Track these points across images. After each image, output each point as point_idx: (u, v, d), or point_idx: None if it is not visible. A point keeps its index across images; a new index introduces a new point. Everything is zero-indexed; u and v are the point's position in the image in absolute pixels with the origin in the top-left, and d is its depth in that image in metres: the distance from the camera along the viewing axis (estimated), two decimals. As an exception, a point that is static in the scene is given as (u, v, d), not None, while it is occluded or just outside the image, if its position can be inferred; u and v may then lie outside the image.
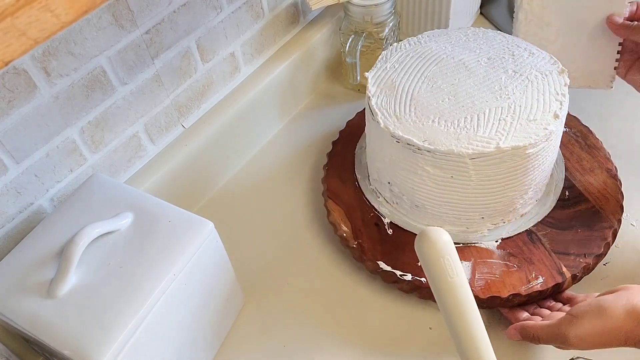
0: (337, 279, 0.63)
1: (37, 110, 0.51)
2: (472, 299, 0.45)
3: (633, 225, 0.63)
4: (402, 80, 0.59)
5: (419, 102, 0.56)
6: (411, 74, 0.59)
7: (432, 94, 0.57)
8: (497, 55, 0.60)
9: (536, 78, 0.57)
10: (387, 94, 0.58)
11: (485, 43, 0.62)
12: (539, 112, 0.54)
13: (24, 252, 0.48)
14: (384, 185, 0.61)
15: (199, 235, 0.49)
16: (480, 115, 0.54)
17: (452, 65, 0.59)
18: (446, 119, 0.54)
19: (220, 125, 0.69)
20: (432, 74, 0.59)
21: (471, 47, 0.61)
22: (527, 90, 0.56)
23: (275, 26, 0.75)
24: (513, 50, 0.60)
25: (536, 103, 0.55)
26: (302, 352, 0.57)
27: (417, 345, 0.56)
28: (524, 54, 0.60)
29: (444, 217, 0.58)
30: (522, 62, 0.59)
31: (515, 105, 0.55)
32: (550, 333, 0.48)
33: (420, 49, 0.62)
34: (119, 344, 0.42)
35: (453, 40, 0.63)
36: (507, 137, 0.52)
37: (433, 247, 0.44)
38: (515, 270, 0.56)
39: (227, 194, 0.73)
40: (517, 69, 0.58)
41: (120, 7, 0.53)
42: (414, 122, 0.54)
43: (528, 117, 0.53)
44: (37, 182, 0.54)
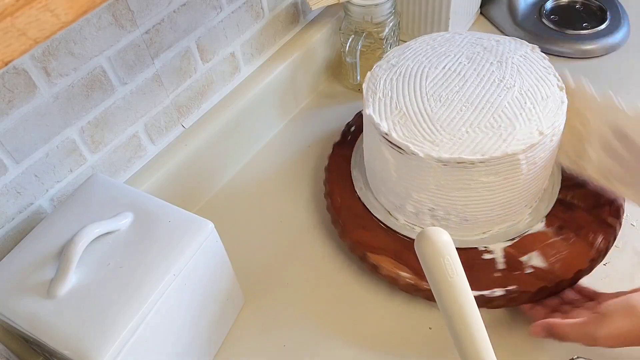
0: (337, 279, 0.63)
1: (37, 110, 0.51)
2: (472, 298, 0.45)
3: (633, 225, 0.63)
4: (408, 105, 0.56)
5: (440, 119, 0.54)
6: (411, 96, 0.57)
7: (447, 108, 0.55)
8: (471, 53, 0.60)
9: (519, 61, 0.58)
10: (403, 124, 0.55)
11: (452, 45, 0.62)
12: (547, 88, 0.55)
13: (24, 252, 0.48)
14: (424, 213, 0.58)
15: (199, 235, 0.49)
16: (505, 110, 0.54)
17: (440, 75, 0.59)
18: (477, 125, 0.53)
19: (220, 125, 0.69)
20: (430, 89, 0.57)
21: (443, 52, 0.61)
22: (521, 74, 0.57)
23: (275, 26, 0.75)
24: (480, 43, 0.61)
25: (538, 81, 0.56)
26: (302, 352, 0.57)
27: (417, 345, 0.56)
28: (493, 44, 0.61)
29: (495, 220, 0.58)
30: (496, 52, 0.60)
31: (524, 90, 0.55)
32: (579, 332, 0.48)
33: (399, 69, 0.60)
34: (119, 344, 0.42)
35: (421, 52, 0.62)
36: (540, 120, 0.52)
37: (433, 247, 0.44)
38: (574, 239, 0.56)
39: (227, 194, 0.73)
40: (498, 58, 0.59)
41: (120, 7, 0.53)
42: (451, 140, 0.53)
43: (542, 97, 0.54)
44: (37, 182, 0.54)
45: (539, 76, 0.56)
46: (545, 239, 0.57)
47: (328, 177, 0.67)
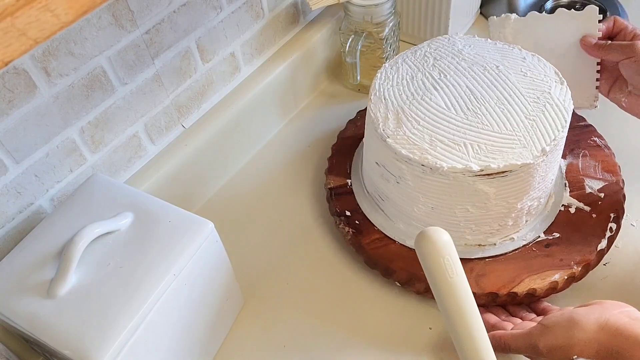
0: (337, 279, 0.63)
1: (37, 110, 0.51)
2: (472, 298, 0.45)
3: (633, 225, 0.63)
4: (414, 126, 0.55)
5: (447, 136, 0.54)
6: (449, 120, 0.56)
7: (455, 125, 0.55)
8: (478, 63, 0.60)
9: (522, 64, 0.59)
10: (418, 144, 0.54)
11: (442, 61, 0.62)
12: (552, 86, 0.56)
13: (24, 252, 0.48)
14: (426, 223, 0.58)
15: (199, 235, 0.49)
16: (495, 128, 0.54)
17: (463, 94, 0.58)
18: (478, 143, 0.53)
19: (220, 125, 0.69)
20: (470, 105, 0.57)
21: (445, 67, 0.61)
22: (525, 79, 0.58)
23: (275, 26, 0.75)
24: (503, 52, 0.62)
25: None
26: (302, 352, 0.57)
27: (417, 345, 0.56)
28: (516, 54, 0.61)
29: (512, 225, 0.58)
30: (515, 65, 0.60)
31: (544, 91, 0.56)
32: (521, 342, 0.48)
33: (405, 74, 0.61)
34: (119, 344, 0.42)
35: (424, 69, 0.61)
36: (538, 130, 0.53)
37: (433, 247, 0.44)
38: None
39: (227, 194, 0.73)
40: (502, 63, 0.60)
41: (120, 7, 0.54)
42: (477, 154, 0.52)
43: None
44: (37, 182, 0.54)
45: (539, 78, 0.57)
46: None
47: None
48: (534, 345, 0.47)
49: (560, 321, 0.46)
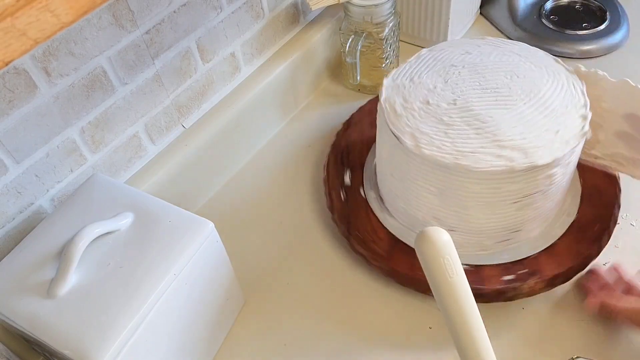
0: (337, 279, 0.63)
1: (37, 110, 0.51)
2: (472, 298, 0.45)
3: (633, 225, 0.64)
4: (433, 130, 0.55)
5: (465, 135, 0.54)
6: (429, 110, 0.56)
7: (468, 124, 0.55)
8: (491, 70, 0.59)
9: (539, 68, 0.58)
10: (437, 142, 0.53)
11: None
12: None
13: (24, 252, 0.48)
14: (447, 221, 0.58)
15: (199, 235, 0.49)
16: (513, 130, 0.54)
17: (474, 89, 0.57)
18: (499, 138, 0.53)
19: (221, 125, 0.69)
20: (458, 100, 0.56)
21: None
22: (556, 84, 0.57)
23: (275, 26, 0.75)
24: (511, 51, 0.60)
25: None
26: (302, 352, 0.57)
27: (417, 344, 0.57)
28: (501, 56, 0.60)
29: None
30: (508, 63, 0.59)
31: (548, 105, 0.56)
32: (631, 317, 0.51)
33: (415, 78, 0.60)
34: (119, 344, 0.42)
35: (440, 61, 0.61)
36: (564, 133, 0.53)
37: (433, 247, 0.44)
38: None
39: (227, 194, 0.73)
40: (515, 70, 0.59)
41: (120, 7, 0.54)
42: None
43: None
44: (37, 182, 0.54)
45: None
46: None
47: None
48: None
49: None
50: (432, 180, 0.54)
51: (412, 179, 0.56)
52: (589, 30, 0.85)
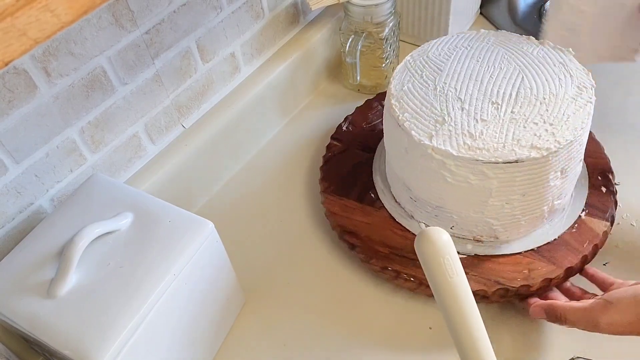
0: (337, 278, 0.63)
1: (37, 110, 0.51)
2: (472, 298, 0.45)
3: (633, 225, 0.63)
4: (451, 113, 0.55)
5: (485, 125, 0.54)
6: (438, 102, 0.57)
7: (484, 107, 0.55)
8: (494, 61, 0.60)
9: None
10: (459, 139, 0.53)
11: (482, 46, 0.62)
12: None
13: (24, 252, 0.48)
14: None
15: (199, 235, 0.49)
16: (519, 120, 0.54)
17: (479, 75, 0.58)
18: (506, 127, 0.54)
19: (220, 125, 0.69)
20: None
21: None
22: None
23: (275, 26, 0.75)
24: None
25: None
26: (302, 351, 0.57)
27: (417, 345, 0.57)
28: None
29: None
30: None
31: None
32: (581, 316, 0.49)
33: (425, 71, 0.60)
34: (119, 344, 0.42)
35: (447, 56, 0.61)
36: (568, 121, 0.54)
37: (433, 247, 0.44)
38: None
39: (227, 194, 0.73)
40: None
41: (120, 7, 0.54)
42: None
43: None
44: (37, 182, 0.54)
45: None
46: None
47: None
48: (595, 320, 0.47)
49: (625, 297, 0.46)
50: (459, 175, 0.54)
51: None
52: (589, 30, 0.85)
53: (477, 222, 0.57)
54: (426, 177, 0.56)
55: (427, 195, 0.57)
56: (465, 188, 0.54)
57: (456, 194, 0.55)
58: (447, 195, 0.55)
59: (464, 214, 0.56)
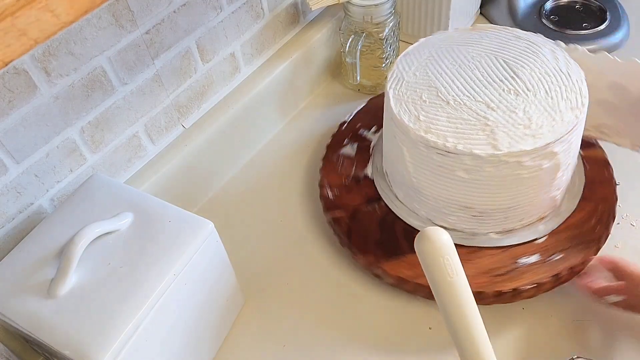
0: (337, 279, 0.63)
1: (37, 110, 0.51)
2: (472, 298, 0.45)
3: (633, 225, 0.63)
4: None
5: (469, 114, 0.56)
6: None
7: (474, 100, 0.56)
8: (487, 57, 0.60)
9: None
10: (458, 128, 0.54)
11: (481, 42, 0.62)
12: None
13: (24, 252, 0.48)
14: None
15: (199, 235, 0.49)
16: (513, 115, 0.55)
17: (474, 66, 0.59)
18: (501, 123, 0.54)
19: (220, 125, 0.69)
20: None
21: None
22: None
23: (275, 26, 0.75)
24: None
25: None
26: (302, 352, 0.57)
27: (417, 345, 0.57)
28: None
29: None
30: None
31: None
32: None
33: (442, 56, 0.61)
34: (119, 344, 0.42)
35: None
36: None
37: (432, 247, 0.44)
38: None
39: (227, 194, 0.73)
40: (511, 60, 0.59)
41: (120, 7, 0.54)
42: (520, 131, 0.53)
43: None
44: (37, 182, 0.54)
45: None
46: None
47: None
48: None
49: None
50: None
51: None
52: (589, 30, 0.85)
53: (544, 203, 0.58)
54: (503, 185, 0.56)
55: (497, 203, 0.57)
56: (539, 174, 0.54)
57: (530, 184, 0.55)
58: (520, 191, 0.56)
59: (535, 200, 0.57)
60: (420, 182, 0.58)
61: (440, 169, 0.55)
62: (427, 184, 0.57)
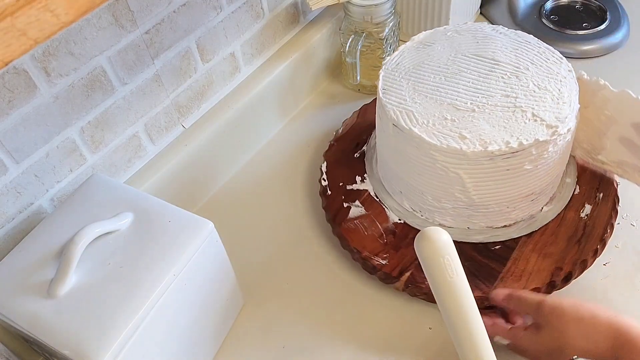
0: (337, 279, 0.63)
1: (37, 110, 0.51)
2: (472, 298, 0.45)
3: (633, 225, 0.63)
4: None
5: (458, 113, 0.56)
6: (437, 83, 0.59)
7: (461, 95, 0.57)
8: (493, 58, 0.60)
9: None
10: (433, 120, 0.55)
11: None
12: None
13: (24, 252, 0.48)
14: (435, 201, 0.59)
15: (199, 235, 0.49)
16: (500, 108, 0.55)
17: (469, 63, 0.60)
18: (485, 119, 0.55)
19: (220, 125, 0.69)
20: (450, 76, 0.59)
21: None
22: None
23: (275, 26, 0.75)
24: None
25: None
26: (301, 352, 0.57)
27: (417, 345, 0.56)
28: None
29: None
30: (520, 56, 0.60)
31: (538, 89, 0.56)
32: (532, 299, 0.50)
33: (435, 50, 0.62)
34: (119, 344, 0.42)
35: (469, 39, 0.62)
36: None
37: (432, 247, 0.44)
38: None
39: (227, 194, 0.73)
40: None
41: (120, 7, 0.54)
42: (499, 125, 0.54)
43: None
44: (37, 182, 0.54)
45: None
46: None
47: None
48: (542, 301, 0.49)
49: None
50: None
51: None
52: (589, 30, 0.85)
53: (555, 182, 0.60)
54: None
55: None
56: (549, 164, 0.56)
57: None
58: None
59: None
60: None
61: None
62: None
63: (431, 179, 0.56)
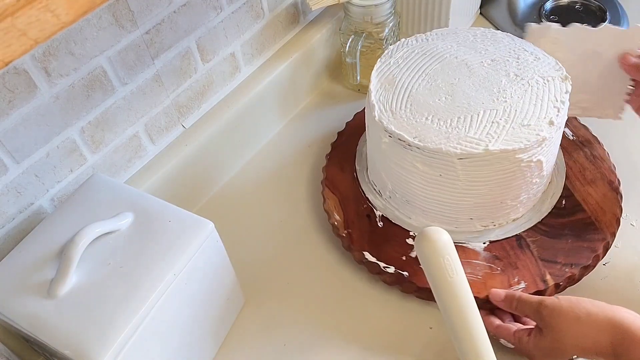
0: (337, 278, 0.63)
1: (37, 110, 0.51)
2: (472, 298, 0.45)
3: (633, 225, 0.63)
4: (402, 76, 0.59)
5: (415, 98, 0.57)
6: (413, 70, 0.60)
7: (430, 92, 0.57)
8: (501, 58, 0.60)
9: (537, 83, 0.56)
10: (387, 89, 0.58)
11: (492, 45, 0.61)
12: (534, 118, 0.53)
13: (24, 252, 0.48)
14: (381, 178, 0.61)
15: (199, 235, 0.49)
16: (474, 116, 0.54)
17: (454, 64, 0.59)
18: (439, 117, 0.54)
19: (221, 125, 0.69)
20: (433, 72, 0.59)
21: (477, 47, 0.61)
22: (525, 95, 0.56)
23: (275, 26, 0.75)
24: (519, 53, 0.60)
25: (533, 108, 0.54)
26: (302, 352, 0.57)
27: (417, 345, 0.57)
28: (530, 58, 0.59)
29: (432, 215, 0.59)
30: (525, 66, 0.58)
31: (511, 109, 0.54)
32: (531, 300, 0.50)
33: (426, 46, 0.62)
34: (119, 344, 0.42)
35: (460, 39, 0.62)
36: (498, 140, 0.52)
37: (433, 247, 0.44)
38: (498, 273, 0.56)
39: (227, 194, 0.73)
40: (520, 72, 0.58)
41: (120, 7, 0.54)
42: (408, 118, 0.55)
43: (522, 122, 0.53)
44: (37, 182, 0.54)
45: (541, 104, 0.55)
46: (471, 257, 0.58)
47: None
48: (541, 300, 0.49)
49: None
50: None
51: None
52: (589, 30, 0.85)
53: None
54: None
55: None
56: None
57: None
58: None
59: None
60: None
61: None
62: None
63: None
